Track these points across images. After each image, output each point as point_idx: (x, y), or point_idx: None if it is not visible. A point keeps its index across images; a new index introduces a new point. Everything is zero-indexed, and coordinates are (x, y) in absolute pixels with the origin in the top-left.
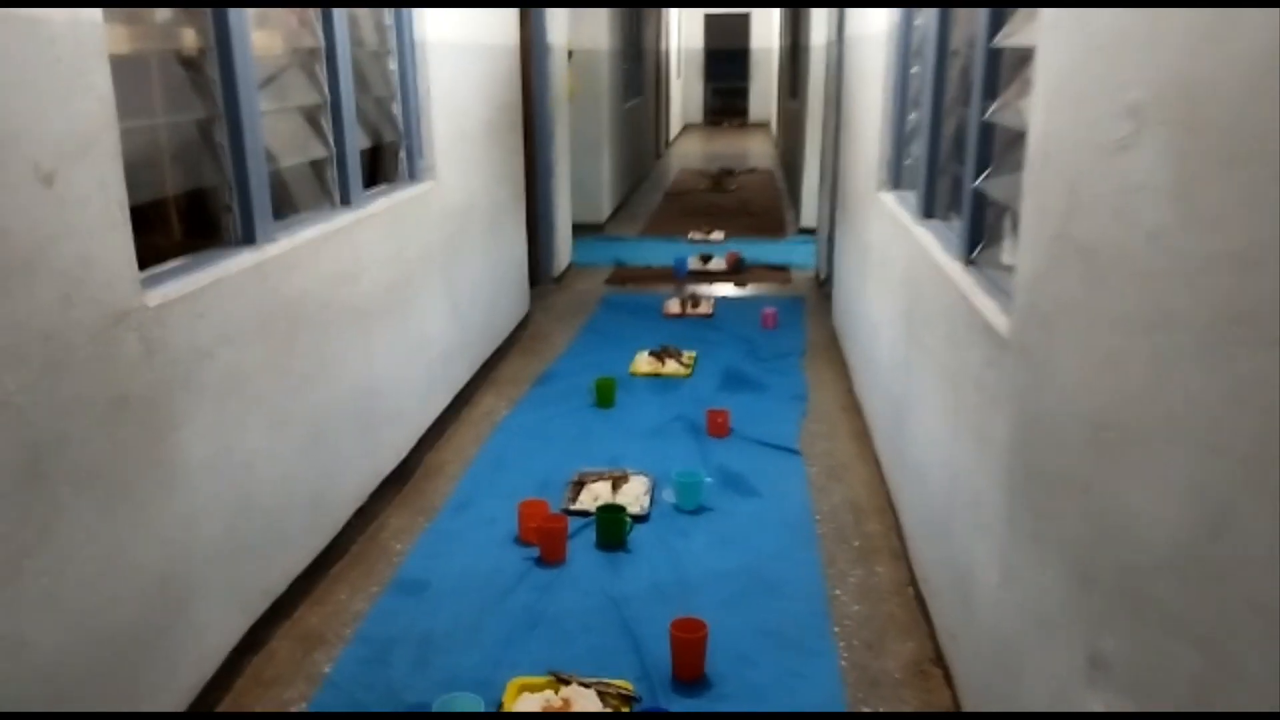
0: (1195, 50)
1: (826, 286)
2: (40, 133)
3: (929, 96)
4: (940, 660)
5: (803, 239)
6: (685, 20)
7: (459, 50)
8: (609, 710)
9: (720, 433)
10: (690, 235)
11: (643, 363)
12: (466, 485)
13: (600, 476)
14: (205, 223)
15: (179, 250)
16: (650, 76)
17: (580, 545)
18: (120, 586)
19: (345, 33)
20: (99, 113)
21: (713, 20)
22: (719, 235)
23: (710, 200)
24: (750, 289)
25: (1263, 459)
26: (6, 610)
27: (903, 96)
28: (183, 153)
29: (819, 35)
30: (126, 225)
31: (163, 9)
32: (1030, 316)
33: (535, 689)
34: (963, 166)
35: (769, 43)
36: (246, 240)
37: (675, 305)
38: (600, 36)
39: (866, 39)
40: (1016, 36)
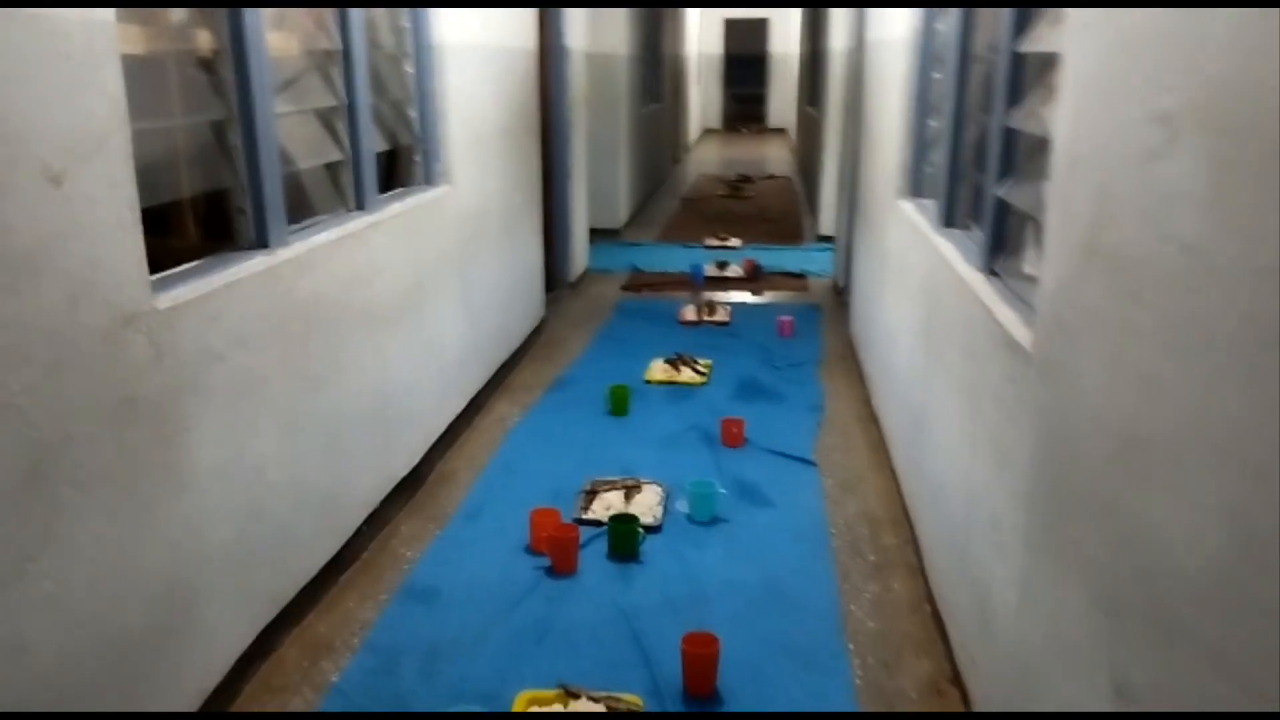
0: (1234, 53)
1: (844, 295)
2: (49, 132)
3: (950, 103)
4: (957, 680)
5: (821, 246)
6: (705, 25)
7: (476, 53)
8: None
9: (735, 442)
10: (707, 241)
11: (658, 370)
12: (478, 492)
13: (613, 486)
14: (223, 225)
15: (197, 253)
16: (669, 82)
17: (592, 555)
18: (125, 591)
19: (362, 35)
20: (110, 112)
21: (732, 25)
22: (736, 242)
23: (728, 206)
24: (767, 296)
25: None
26: (8, 614)
27: (923, 103)
28: (196, 154)
29: (839, 41)
30: (137, 226)
31: (177, 9)
32: (1054, 329)
33: (544, 702)
34: (984, 174)
35: (788, 48)
36: (260, 244)
37: (691, 312)
38: (619, 41)
39: (887, 44)
40: (1042, 41)
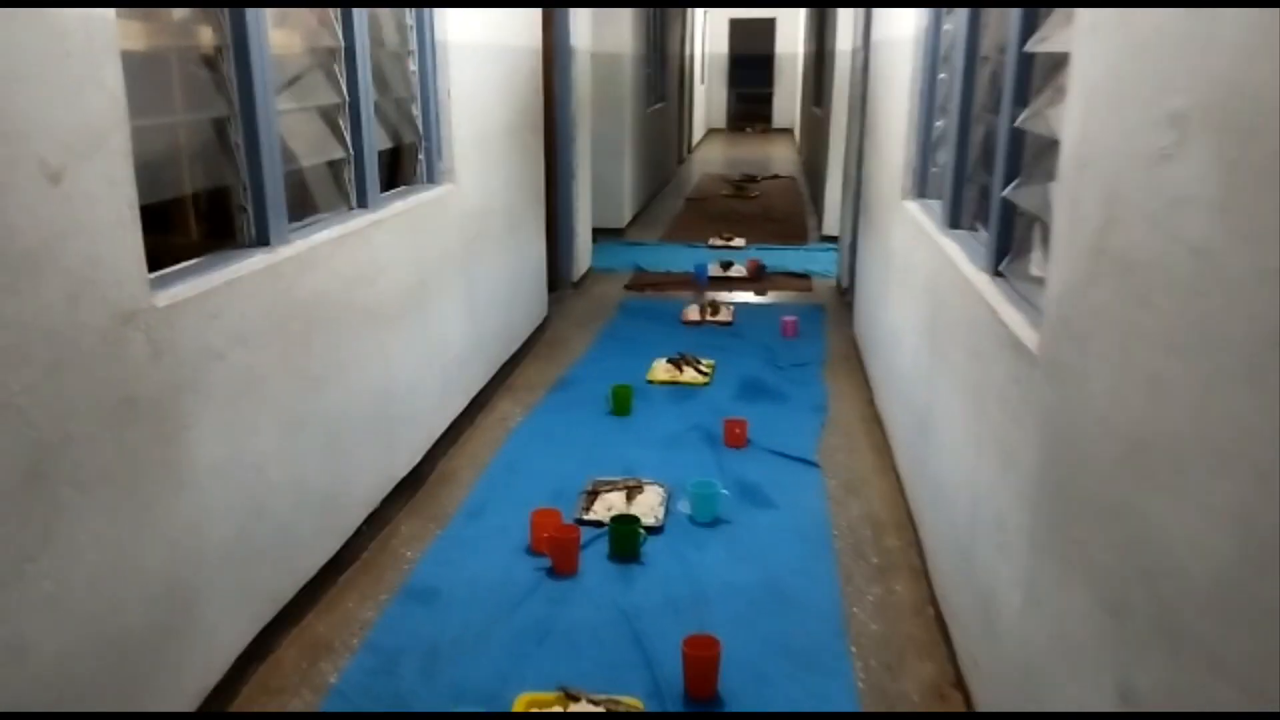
0: (1247, 54)
1: (848, 295)
2: (48, 129)
3: (957, 103)
4: (960, 684)
5: (825, 246)
6: (710, 25)
7: (480, 52)
8: None
9: (737, 443)
10: (711, 241)
11: (660, 370)
12: (480, 492)
13: (615, 486)
14: (228, 223)
15: (203, 251)
16: (674, 81)
17: (593, 556)
18: (125, 591)
19: (365, 32)
20: (109, 109)
21: (738, 26)
22: (740, 241)
23: (732, 206)
24: (771, 296)
25: None
26: (8, 614)
27: (929, 103)
28: (197, 152)
29: (844, 41)
30: (136, 224)
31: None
32: (1062, 332)
33: (544, 705)
34: (990, 175)
35: (794, 48)
36: (260, 241)
37: (695, 312)
38: (624, 40)
39: (893, 44)
40: (1051, 41)
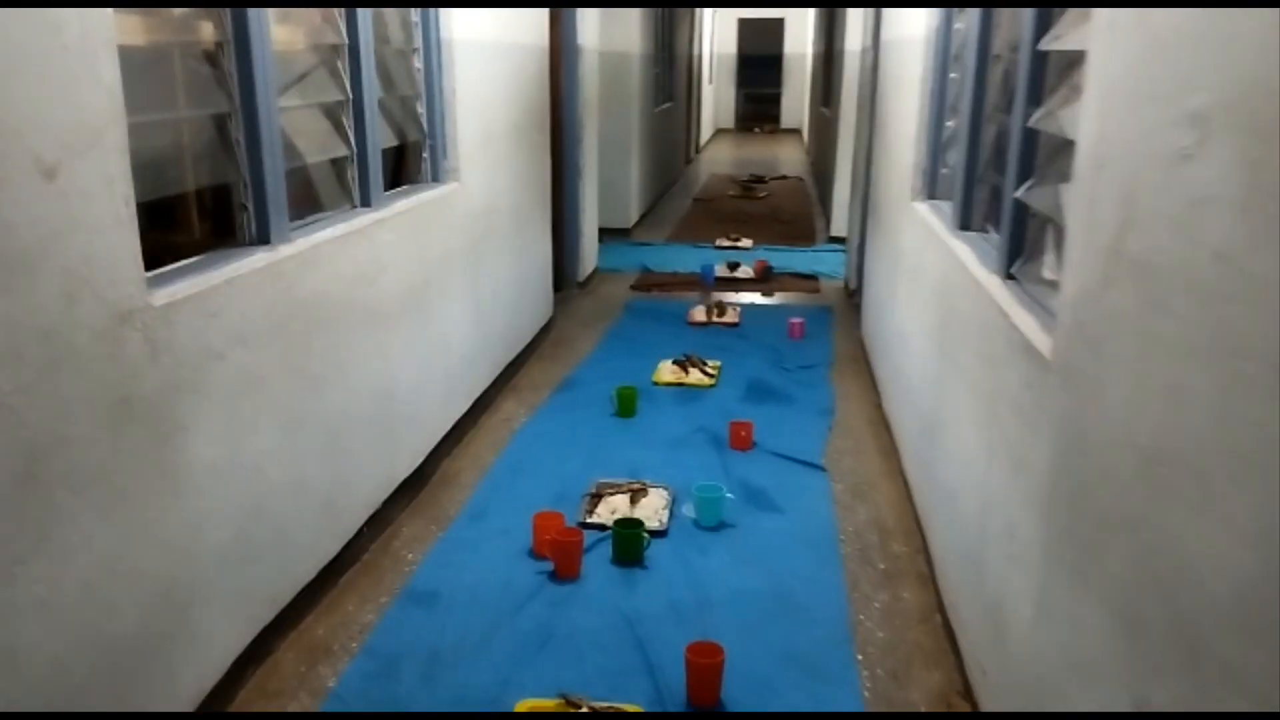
0: (1271, 51)
1: (856, 297)
2: (43, 124)
3: (968, 103)
4: (968, 693)
5: (832, 247)
6: (719, 25)
7: (487, 49)
8: None
9: (743, 446)
10: (718, 242)
11: (666, 371)
12: (482, 494)
13: (619, 489)
14: (228, 221)
15: (202, 250)
16: (682, 81)
17: (596, 560)
18: (120, 594)
19: (369, 29)
20: (106, 105)
21: (747, 25)
22: (747, 242)
23: (740, 206)
24: (778, 298)
25: None
26: None
27: (940, 103)
28: (197, 149)
29: (854, 41)
30: (133, 222)
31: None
32: (1076, 337)
33: (544, 712)
34: (1002, 176)
35: (803, 48)
36: (261, 240)
37: (701, 313)
38: (632, 39)
39: (903, 43)
40: (1066, 39)
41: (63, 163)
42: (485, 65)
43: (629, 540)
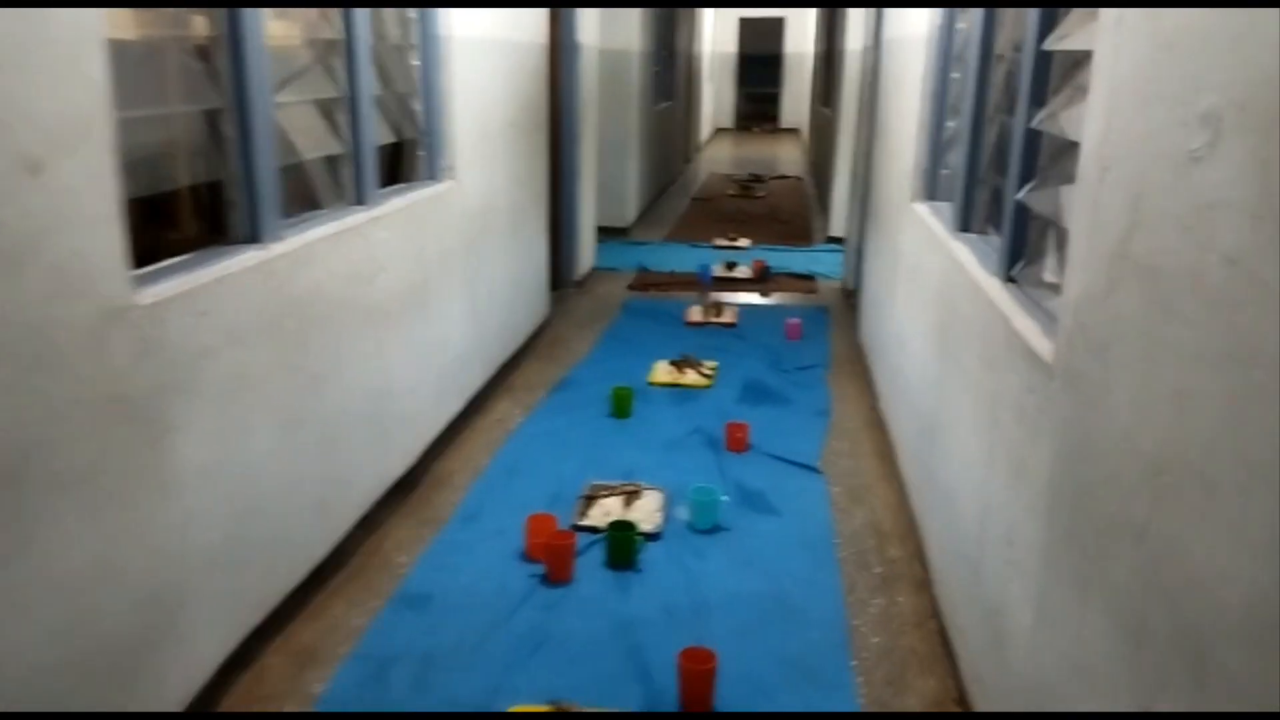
0: None
1: (853, 298)
2: (28, 119)
3: (970, 103)
4: (964, 700)
5: (831, 248)
6: (719, 24)
7: (485, 47)
8: None
9: (739, 447)
10: (716, 241)
11: (662, 372)
12: (476, 495)
13: (613, 491)
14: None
15: (192, 248)
16: (682, 80)
17: (589, 563)
18: (104, 597)
19: (366, 25)
20: (93, 100)
21: (747, 24)
22: (745, 242)
23: (738, 206)
24: (775, 298)
25: None
26: None
27: (941, 103)
28: (187, 145)
29: (855, 40)
30: (120, 219)
31: None
32: (1080, 342)
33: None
34: (1003, 177)
35: (803, 48)
36: (253, 238)
37: (698, 313)
38: (631, 37)
39: (905, 43)
40: (1071, 38)
41: (48, 158)
42: (483, 62)
43: (623, 543)
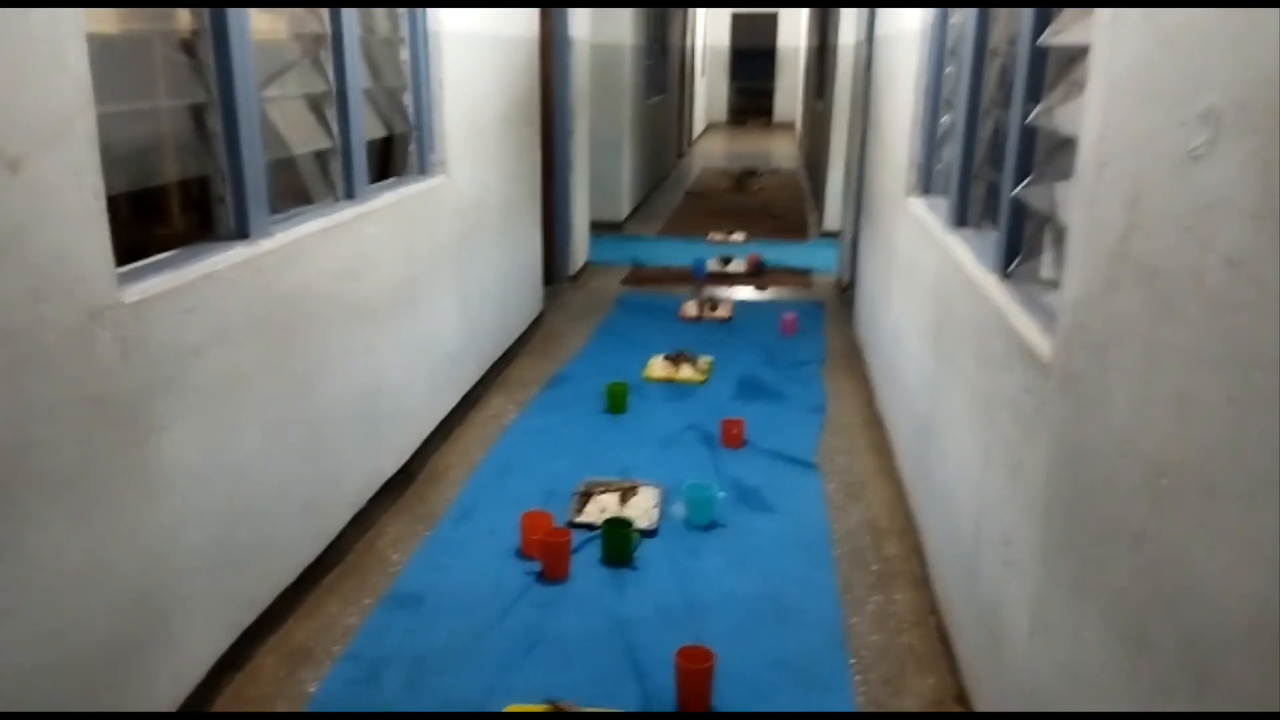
0: None
1: (849, 293)
2: (6, 114)
3: (964, 98)
4: (963, 699)
5: (825, 242)
6: (712, 18)
7: (475, 40)
8: None
9: (734, 443)
10: (710, 236)
11: (657, 367)
12: (470, 492)
13: (608, 487)
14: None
15: (178, 244)
16: (674, 74)
17: (584, 561)
18: (91, 601)
19: (354, 18)
20: (74, 94)
21: (740, 18)
22: (740, 237)
23: (732, 201)
24: (770, 293)
25: None
26: None
27: (936, 98)
28: (172, 140)
29: (848, 35)
30: (103, 216)
31: None
32: (1078, 341)
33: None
34: (999, 173)
35: (796, 42)
36: (240, 234)
37: (693, 308)
38: (624, 31)
39: (899, 37)
40: (1067, 33)
41: (28, 154)
42: (474, 56)
43: (618, 540)
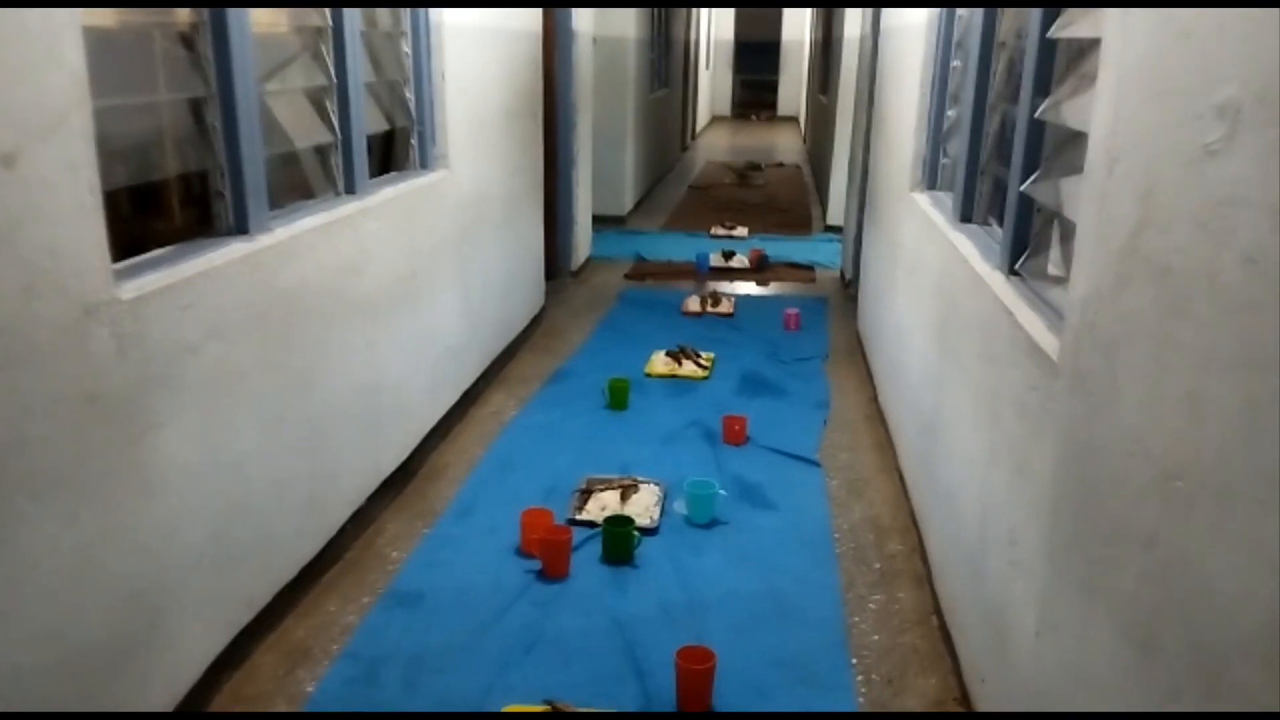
0: None
1: (852, 288)
2: (1, 109)
3: (971, 92)
4: (966, 700)
5: (829, 237)
6: (716, 11)
7: (478, 33)
8: None
9: (737, 440)
10: (713, 230)
11: (659, 363)
12: (470, 489)
13: (609, 485)
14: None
15: (180, 239)
16: (678, 67)
17: (585, 559)
18: (86, 600)
19: (355, 11)
20: (69, 88)
21: (744, 11)
22: (743, 231)
23: (735, 195)
24: (773, 288)
25: None
26: None
27: (942, 91)
28: (171, 134)
29: (853, 28)
30: (99, 211)
31: None
32: (1086, 340)
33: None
34: (1006, 167)
35: (801, 35)
36: (239, 229)
37: (695, 303)
38: (628, 24)
39: (904, 30)
40: (1077, 26)
41: (22, 149)
42: (476, 49)
43: (619, 539)
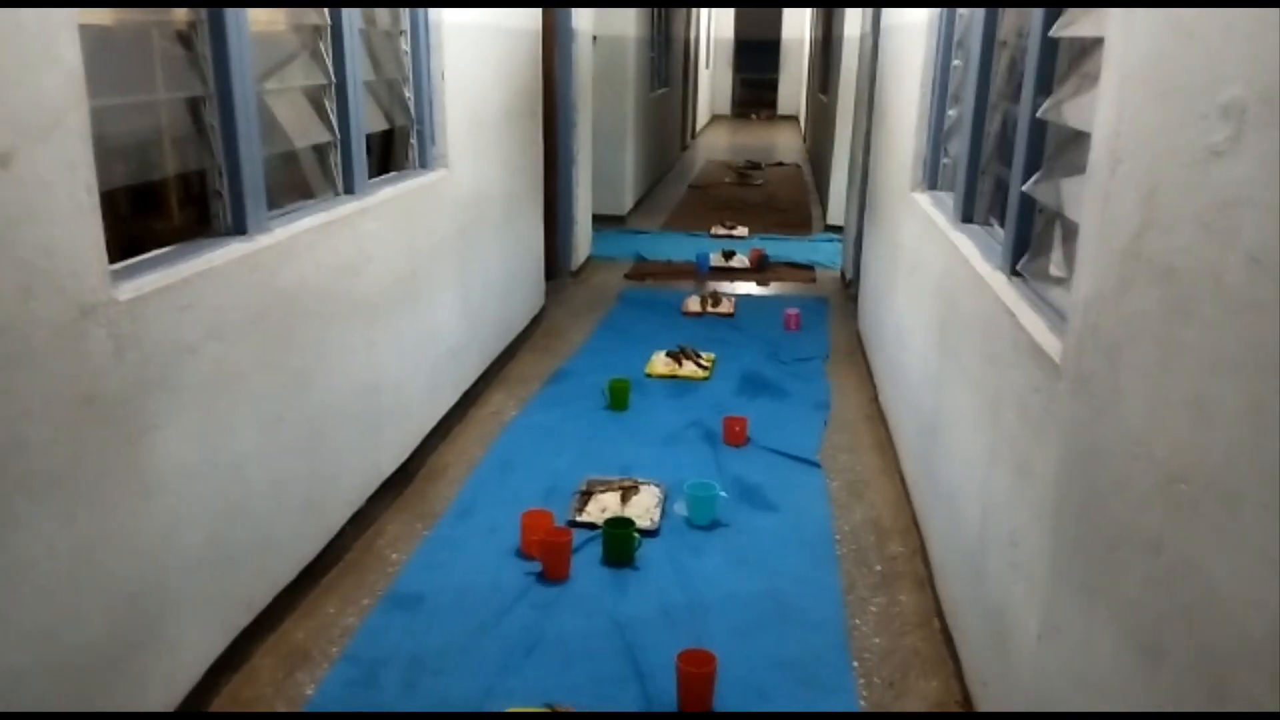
0: None
1: (852, 288)
2: None
3: (972, 91)
4: (967, 703)
5: (829, 237)
6: (716, 10)
7: (477, 32)
8: None
9: (737, 441)
10: (713, 230)
11: (659, 363)
12: (470, 490)
13: (609, 486)
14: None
15: (178, 239)
16: (678, 66)
17: (585, 561)
18: (84, 602)
19: (354, 10)
20: (66, 87)
21: (744, 10)
22: (743, 231)
23: (735, 194)
24: (773, 288)
25: None
26: None
27: (942, 90)
28: (169, 134)
29: (853, 27)
30: (96, 212)
31: None
32: (1089, 341)
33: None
34: (1007, 167)
35: (801, 34)
36: (237, 230)
37: (695, 303)
38: (627, 23)
39: (904, 29)
40: (1080, 25)
41: (18, 149)
42: (476, 48)
43: (619, 541)
